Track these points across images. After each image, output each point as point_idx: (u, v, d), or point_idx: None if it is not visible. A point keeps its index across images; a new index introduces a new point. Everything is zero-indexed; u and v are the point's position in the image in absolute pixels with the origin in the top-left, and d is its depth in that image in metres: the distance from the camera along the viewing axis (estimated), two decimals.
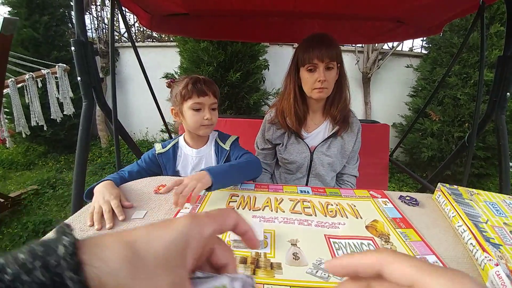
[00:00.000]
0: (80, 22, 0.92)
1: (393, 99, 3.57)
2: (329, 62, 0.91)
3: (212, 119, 0.88)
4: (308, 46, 0.93)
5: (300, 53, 0.96)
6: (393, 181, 3.10)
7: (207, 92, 0.85)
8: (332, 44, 0.92)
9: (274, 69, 3.23)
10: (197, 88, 0.84)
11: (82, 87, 0.95)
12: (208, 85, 0.86)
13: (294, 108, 1.01)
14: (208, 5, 1.21)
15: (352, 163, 1.13)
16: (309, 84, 0.95)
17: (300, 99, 1.01)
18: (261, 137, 1.14)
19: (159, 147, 0.95)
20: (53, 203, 2.51)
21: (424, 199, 0.76)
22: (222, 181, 0.71)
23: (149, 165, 0.93)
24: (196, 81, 0.86)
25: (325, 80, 0.92)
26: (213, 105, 0.89)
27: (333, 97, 1.00)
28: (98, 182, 0.73)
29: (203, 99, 0.86)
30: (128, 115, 4.14)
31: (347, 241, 0.56)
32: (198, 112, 0.87)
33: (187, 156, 0.95)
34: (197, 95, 0.85)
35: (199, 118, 0.86)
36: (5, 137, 2.42)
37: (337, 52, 0.92)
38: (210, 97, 0.87)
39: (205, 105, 0.86)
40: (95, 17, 3.86)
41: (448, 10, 1.13)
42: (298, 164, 1.06)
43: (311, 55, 0.91)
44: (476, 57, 2.61)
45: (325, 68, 0.92)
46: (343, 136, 1.05)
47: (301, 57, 0.95)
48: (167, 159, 0.94)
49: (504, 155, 1.03)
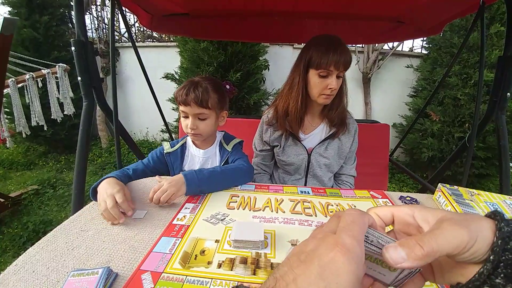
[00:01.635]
0: (80, 22, 0.92)
1: (393, 99, 3.57)
2: (342, 71, 0.90)
3: (198, 128, 0.85)
4: (326, 50, 0.87)
5: (314, 55, 0.89)
6: (393, 182, 3.10)
7: (188, 102, 0.82)
8: (346, 51, 0.88)
9: (274, 69, 3.23)
10: (181, 96, 0.83)
11: (82, 87, 0.95)
12: (195, 93, 0.82)
13: (299, 111, 0.98)
14: (208, 5, 1.21)
15: (350, 163, 1.13)
16: (318, 89, 0.92)
17: (304, 101, 0.99)
18: (259, 139, 1.12)
19: (168, 146, 0.95)
20: (53, 203, 2.51)
21: (425, 199, 0.76)
22: (198, 188, 0.73)
23: (156, 164, 0.92)
24: (185, 88, 0.83)
25: (336, 88, 0.91)
26: (200, 115, 0.85)
27: (333, 102, 0.99)
28: (100, 179, 0.70)
29: (185, 108, 0.84)
30: (128, 115, 4.14)
31: None
32: (185, 119, 0.87)
33: (194, 156, 0.95)
34: (180, 103, 0.84)
35: (184, 125, 0.87)
36: (5, 137, 2.42)
37: (350, 60, 0.90)
38: (193, 107, 0.83)
39: (189, 114, 0.85)
40: (95, 17, 3.86)
41: (448, 10, 1.13)
42: (296, 165, 1.06)
43: (329, 61, 0.86)
44: (476, 57, 2.61)
45: (337, 75, 0.90)
46: (340, 138, 1.05)
47: (315, 60, 0.89)
48: (175, 158, 0.94)
49: (504, 156, 1.03)
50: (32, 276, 0.45)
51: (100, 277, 0.42)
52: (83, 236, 0.55)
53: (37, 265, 0.47)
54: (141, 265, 0.47)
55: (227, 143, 0.96)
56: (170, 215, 0.64)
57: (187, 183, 0.71)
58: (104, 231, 0.57)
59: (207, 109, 0.85)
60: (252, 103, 2.86)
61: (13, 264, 0.47)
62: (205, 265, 0.47)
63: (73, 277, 0.43)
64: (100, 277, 0.42)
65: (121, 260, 0.48)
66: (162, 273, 0.45)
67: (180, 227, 0.59)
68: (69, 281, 0.43)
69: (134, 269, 0.46)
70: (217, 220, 0.62)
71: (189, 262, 0.48)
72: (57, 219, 2.24)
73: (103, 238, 0.55)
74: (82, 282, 0.42)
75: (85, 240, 0.54)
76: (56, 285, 0.43)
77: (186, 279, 0.44)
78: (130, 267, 0.47)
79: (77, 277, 0.43)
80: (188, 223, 0.60)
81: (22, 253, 0.50)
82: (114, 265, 0.47)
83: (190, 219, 0.62)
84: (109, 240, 0.54)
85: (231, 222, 0.62)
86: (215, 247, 0.52)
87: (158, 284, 0.43)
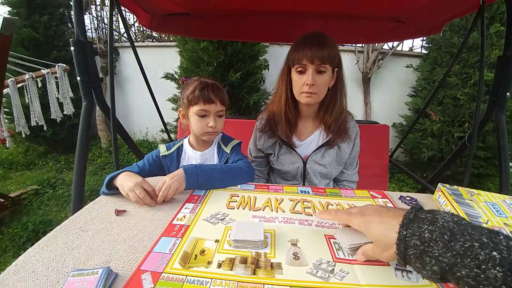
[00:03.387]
0: (80, 22, 0.91)
1: (393, 99, 3.57)
2: (320, 65, 0.82)
3: (217, 126, 0.86)
4: (299, 45, 0.84)
5: (291, 52, 0.87)
6: (393, 182, 3.10)
7: (213, 100, 0.83)
8: (326, 44, 0.82)
9: (274, 69, 3.23)
10: (204, 95, 0.83)
11: (81, 87, 0.95)
12: (216, 92, 0.84)
13: (285, 112, 0.93)
14: (208, 5, 1.21)
15: (351, 169, 1.06)
16: (297, 87, 0.87)
17: (292, 102, 0.94)
18: (254, 145, 1.08)
19: (164, 149, 0.94)
20: (53, 203, 2.51)
21: (425, 199, 0.76)
22: (197, 182, 0.74)
23: (152, 167, 0.92)
24: (204, 87, 0.83)
25: (314, 84, 0.83)
26: (220, 112, 0.87)
27: (327, 104, 0.92)
28: (114, 173, 0.73)
29: (209, 106, 0.84)
30: (128, 115, 4.14)
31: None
32: (203, 119, 0.86)
33: (190, 158, 0.94)
34: (203, 102, 0.83)
35: (203, 124, 0.86)
36: (5, 137, 2.42)
37: (330, 54, 0.82)
38: (217, 104, 0.84)
39: (211, 113, 0.85)
40: (95, 17, 3.85)
41: (448, 10, 1.13)
42: (292, 174, 1.01)
43: (300, 55, 0.82)
44: (476, 57, 2.61)
45: (316, 71, 0.83)
46: (339, 144, 0.98)
47: (291, 57, 0.87)
48: (170, 161, 0.93)
49: (504, 155, 1.03)
50: (32, 276, 0.45)
51: (100, 277, 0.42)
52: (83, 236, 0.55)
53: (37, 265, 0.47)
54: (141, 265, 0.47)
55: (226, 144, 0.95)
56: (170, 215, 0.64)
57: (186, 176, 0.72)
58: (104, 231, 0.57)
59: (225, 107, 0.88)
60: (252, 103, 2.86)
61: (13, 264, 0.47)
62: (205, 265, 0.47)
63: (73, 277, 0.43)
64: (100, 277, 0.42)
65: (121, 260, 0.48)
66: (162, 273, 0.45)
67: (180, 227, 0.59)
68: (69, 281, 0.42)
69: (134, 269, 0.46)
70: (217, 220, 0.62)
71: (189, 262, 0.48)
72: (57, 219, 2.24)
73: (103, 238, 0.55)
74: (82, 282, 0.42)
75: (85, 240, 0.54)
76: (56, 285, 0.43)
77: (186, 279, 0.44)
78: (130, 267, 0.47)
79: (77, 277, 0.43)
80: (188, 223, 0.60)
81: (22, 253, 0.50)
82: (114, 265, 0.47)
83: (190, 219, 0.62)
84: (109, 240, 0.54)
85: (231, 221, 0.62)
86: (215, 247, 0.52)
87: (158, 284, 0.43)
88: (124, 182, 0.69)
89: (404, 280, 0.45)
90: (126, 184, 0.68)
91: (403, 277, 0.46)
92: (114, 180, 0.72)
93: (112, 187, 0.72)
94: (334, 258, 0.50)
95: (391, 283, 0.44)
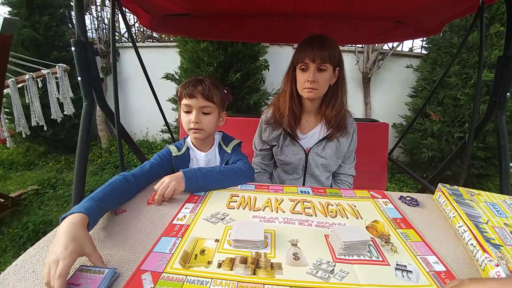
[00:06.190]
0: (80, 22, 0.91)
1: (393, 100, 3.57)
2: (321, 64, 0.91)
3: (202, 123, 0.85)
4: (303, 45, 0.95)
5: (296, 52, 0.98)
6: (393, 182, 3.10)
7: (195, 95, 0.83)
8: (326, 45, 0.91)
9: (274, 69, 3.23)
10: (186, 90, 0.83)
11: (82, 87, 0.95)
12: (198, 86, 0.83)
13: (290, 106, 1.02)
14: (208, 5, 1.21)
15: (349, 163, 1.13)
16: (300, 83, 0.97)
17: (297, 98, 1.03)
18: (259, 138, 1.14)
19: (175, 150, 0.94)
20: (53, 203, 2.51)
21: (425, 199, 0.76)
22: (196, 184, 0.74)
23: (164, 163, 0.89)
24: (191, 82, 0.84)
25: (314, 81, 0.92)
26: (204, 108, 0.85)
27: (329, 100, 1.00)
28: (67, 213, 0.51)
29: (191, 101, 0.84)
30: (128, 115, 4.14)
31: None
32: (188, 114, 0.86)
33: (197, 160, 0.95)
34: (185, 96, 0.84)
35: (187, 120, 0.86)
36: (5, 137, 2.42)
37: (330, 54, 0.91)
38: (199, 99, 0.83)
39: (193, 108, 0.85)
40: (95, 17, 3.86)
41: (448, 10, 1.13)
42: (294, 165, 1.07)
43: (303, 54, 0.93)
44: (475, 57, 2.61)
45: (316, 69, 0.92)
46: (338, 138, 1.06)
47: (296, 56, 0.97)
48: (181, 162, 0.93)
49: (504, 156, 1.02)
50: (32, 276, 0.45)
51: (104, 277, 0.42)
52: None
53: (37, 265, 0.47)
54: (141, 265, 0.47)
55: (226, 144, 0.96)
56: (170, 215, 0.64)
57: (186, 178, 0.73)
58: (104, 231, 0.57)
59: (212, 103, 0.86)
60: (252, 103, 2.86)
61: (13, 264, 0.47)
62: (205, 265, 0.47)
63: (81, 272, 0.44)
64: (104, 278, 0.42)
65: (121, 260, 0.48)
66: (162, 273, 0.45)
67: (180, 227, 0.59)
68: (76, 274, 0.44)
69: (134, 269, 0.46)
70: (217, 219, 0.62)
71: (189, 262, 0.48)
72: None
73: (103, 238, 0.55)
74: (87, 278, 0.43)
75: None
76: None
77: (186, 279, 0.44)
78: (130, 267, 0.47)
79: (84, 272, 0.44)
80: (188, 222, 0.60)
81: (22, 253, 0.50)
82: (114, 265, 0.47)
83: (190, 219, 0.62)
84: (109, 240, 0.54)
85: (231, 221, 0.62)
86: (215, 246, 0.52)
87: (158, 284, 0.43)
88: (57, 240, 0.45)
89: (404, 280, 0.45)
90: (55, 248, 0.44)
91: (403, 277, 0.46)
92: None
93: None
94: (334, 259, 0.50)
95: (391, 283, 0.44)
